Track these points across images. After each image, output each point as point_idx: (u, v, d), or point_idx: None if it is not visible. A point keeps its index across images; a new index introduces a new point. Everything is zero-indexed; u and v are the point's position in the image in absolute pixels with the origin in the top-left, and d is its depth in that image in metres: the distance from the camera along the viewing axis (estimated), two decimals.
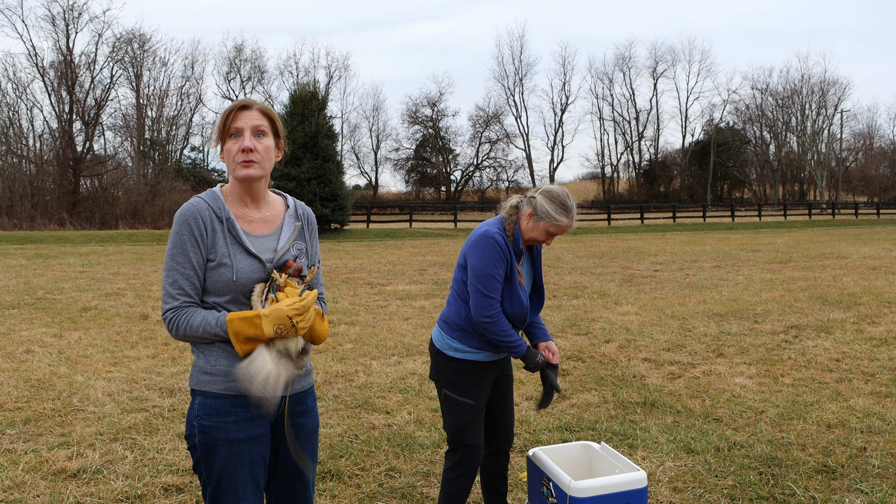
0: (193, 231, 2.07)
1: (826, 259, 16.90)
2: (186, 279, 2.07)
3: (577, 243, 24.14)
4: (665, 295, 11.04)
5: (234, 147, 2.12)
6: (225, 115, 2.14)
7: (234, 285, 2.09)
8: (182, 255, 2.07)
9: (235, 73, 61.43)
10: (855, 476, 3.97)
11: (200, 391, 2.11)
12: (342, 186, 30.60)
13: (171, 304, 2.07)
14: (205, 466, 2.12)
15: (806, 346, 7.21)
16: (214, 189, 2.19)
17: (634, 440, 4.57)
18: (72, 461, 4.21)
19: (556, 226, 3.01)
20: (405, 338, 7.81)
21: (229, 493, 2.11)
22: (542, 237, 3.06)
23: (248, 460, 2.12)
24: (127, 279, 13.50)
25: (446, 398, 3.15)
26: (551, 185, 3.10)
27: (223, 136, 2.14)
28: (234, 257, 2.09)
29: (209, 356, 2.11)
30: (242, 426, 2.11)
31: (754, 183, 74.11)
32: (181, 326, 2.05)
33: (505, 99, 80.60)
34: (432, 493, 3.80)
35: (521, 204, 3.08)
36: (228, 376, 2.09)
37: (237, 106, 2.14)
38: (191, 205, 2.11)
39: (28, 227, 32.03)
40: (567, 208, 3.01)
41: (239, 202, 2.19)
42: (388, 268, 15.85)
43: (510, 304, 3.06)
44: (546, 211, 2.99)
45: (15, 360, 6.73)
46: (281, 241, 2.20)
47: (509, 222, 3.06)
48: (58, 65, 42.27)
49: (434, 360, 3.21)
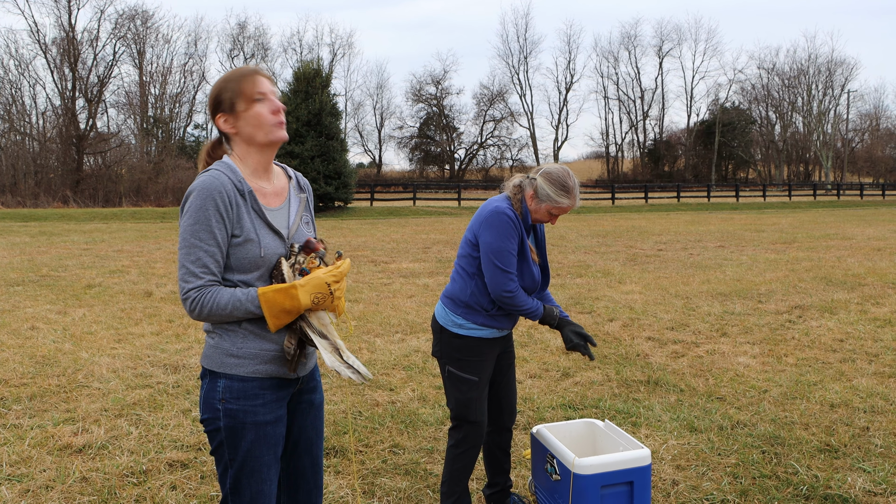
0: (219, 206, 1.96)
1: (830, 240, 16.85)
2: (210, 256, 1.95)
3: (581, 222, 24.09)
4: (669, 274, 11.03)
5: (265, 109, 2.04)
6: (245, 79, 2.05)
7: (262, 261, 2.01)
8: (206, 232, 1.95)
9: (239, 50, 61.06)
10: (857, 455, 3.98)
11: (225, 374, 2.04)
12: (346, 164, 30.50)
13: (193, 282, 1.94)
14: (228, 449, 2.06)
15: (810, 326, 7.21)
16: (228, 161, 2.07)
17: (638, 418, 4.58)
18: (77, 437, 4.23)
19: (558, 207, 2.99)
20: (409, 315, 7.82)
21: (253, 475, 2.07)
22: (545, 218, 3.05)
23: (273, 441, 2.10)
24: (131, 256, 13.52)
25: (450, 375, 3.15)
26: (551, 166, 3.06)
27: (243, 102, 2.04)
28: (259, 232, 2.02)
29: (234, 338, 2.03)
30: (269, 408, 2.07)
31: (759, 163, 73.71)
32: (206, 305, 1.93)
33: (509, 77, 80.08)
34: (436, 470, 3.82)
35: (524, 184, 3.06)
36: (256, 359, 2.03)
37: (252, 71, 2.08)
38: (213, 178, 1.98)
39: (32, 204, 32.04)
40: (568, 189, 2.98)
41: (252, 174, 2.10)
42: (392, 246, 15.84)
43: (521, 278, 3.07)
44: (546, 193, 2.97)
45: (20, 337, 6.76)
46: (291, 214, 2.15)
47: (515, 200, 3.05)
48: (60, 41, 42.06)
49: (437, 337, 3.21)
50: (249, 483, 2.07)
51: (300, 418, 2.25)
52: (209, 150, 2.18)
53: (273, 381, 2.07)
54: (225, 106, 2.06)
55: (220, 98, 2.07)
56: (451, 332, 3.13)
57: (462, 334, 3.10)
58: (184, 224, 1.98)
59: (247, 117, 2.05)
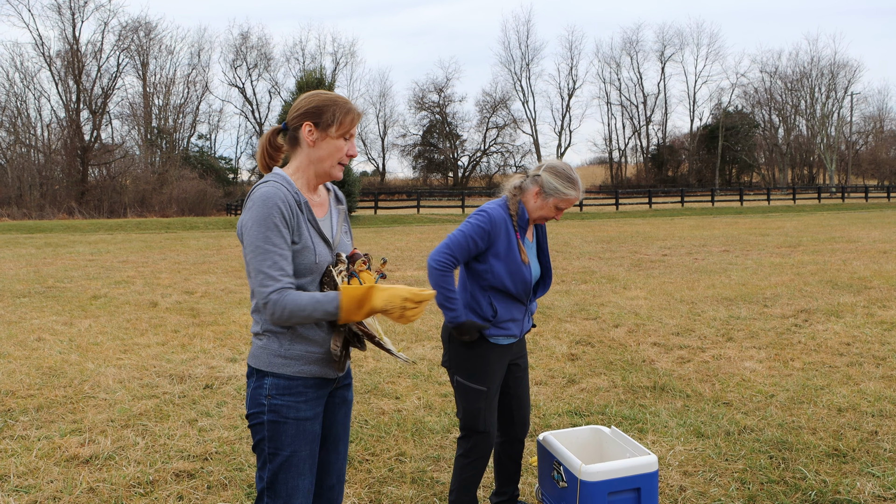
0: (284, 214, 2.09)
1: (836, 243, 16.81)
2: (284, 259, 2.08)
3: (585, 228, 24.07)
4: (674, 279, 11.01)
5: (345, 148, 2.22)
6: (351, 117, 2.21)
7: (316, 267, 2.16)
8: (278, 237, 2.07)
9: (242, 60, 61.39)
10: (866, 460, 3.96)
11: (273, 373, 2.17)
12: (350, 172, 30.57)
13: (273, 285, 2.04)
14: (269, 443, 2.19)
15: (816, 330, 7.18)
16: (282, 173, 2.20)
17: (644, 424, 4.57)
18: (84, 447, 4.24)
19: (566, 199, 3.03)
20: (414, 324, 7.81)
21: (291, 469, 2.20)
22: (551, 213, 3.09)
23: (311, 437, 2.23)
24: (136, 267, 13.56)
25: (459, 385, 3.14)
26: (553, 160, 3.11)
27: (337, 132, 2.20)
28: (314, 240, 2.17)
29: (283, 340, 2.17)
30: (311, 405, 2.22)
31: (763, 167, 73.67)
32: (288, 307, 2.04)
33: (512, 84, 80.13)
34: (442, 478, 3.81)
35: (525, 183, 3.09)
36: (302, 359, 2.18)
37: (360, 113, 2.25)
38: (275, 188, 2.11)
39: (37, 216, 32.17)
40: (573, 180, 3.04)
41: (304, 186, 2.24)
42: (397, 253, 15.85)
43: (510, 278, 3.05)
44: (554, 186, 3.01)
45: (26, 348, 6.77)
46: (333, 224, 2.31)
47: (513, 202, 3.08)
48: (64, 54, 42.35)
49: (446, 347, 3.20)
50: (287, 477, 2.20)
51: (331, 414, 2.38)
52: (271, 136, 2.29)
53: (316, 380, 2.23)
54: (321, 121, 2.19)
55: (321, 111, 2.19)
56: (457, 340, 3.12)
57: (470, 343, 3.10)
58: (253, 233, 2.08)
59: (329, 144, 2.20)
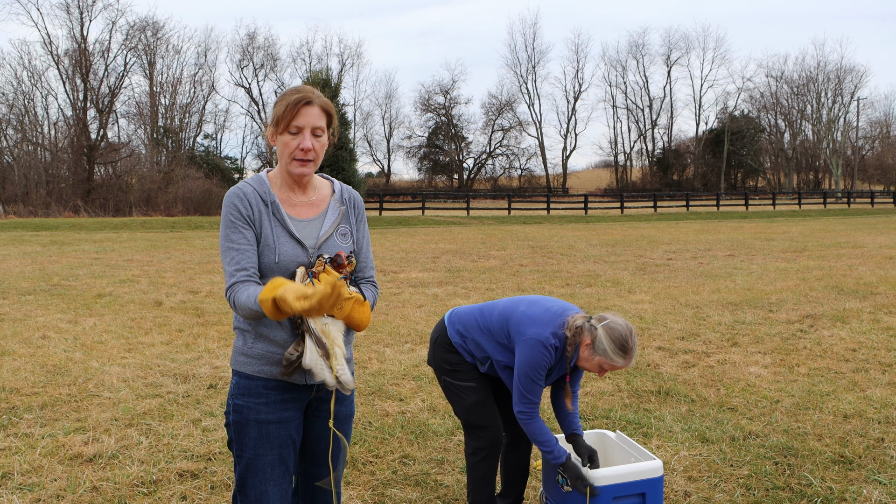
0: (241, 209, 2.11)
1: (841, 248, 16.75)
2: (243, 254, 2.09)
3: (590, 231, 24.05)
4: (679, 283, 10.98)
5: (293, 143, 2.13)
6: (288, 107, 2.10)
7: (276, 267, 2.12)
8: (235, 233, 2.10)
9: (248, 60, 61.46)
10: (872, 467, 3.94)
11: (237, 371, 2.18)
12: (355, 174, 30.68)
13: (228, 281, 2.09)
14: (236, 445, 2.19)
15: (821, 336, 7.15)
16: (261, 174, 2.22)
17: (649, 429, 4.55)
18: (88, 446, 4.24)
19: (611, 365, 2.86)
20: (418, 325, 7.81)
21: (256, 473, 2.15)
22: (594, 369, 2.92)
23: (277, 442, 2.16)
24: (141, 266, 13.58)
25: (446, 385, 3.21)
26: (616, 319, 2.88)
27: (280, 126, 2.12)
28: (277, 239, 2.13)
29: (246, 339, 2.16)
30: (273, 408, 2.16)
31: (768, 171, 73.48)
32: (237, 301, 2.05)
33: (517, 86, 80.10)
34: (446, 481, 3.80)
35: (584, 328, 2.90)
36: (263, 359, 2.14)
37: (302, 100, 2.11)
38: (237, 187, 2.17)
39: (43, 213, 32.25)
40: (626, 350, 2.83)
41: (285, 187, 2.23)
42: (401, 255, 15.85)
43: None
44: (603, 348, 2.83)
45: (31, 346, 6.79)
46: (324, 225, 2.22)
47: (571, 342, 2.91)
48: (72, 53, 42.43)
49: (431, 347, 3.25)
50: (254, 482, 2.16)
51: (319, 427, 2.29)
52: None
53: (279, 382, 2.15)
54: (273, 119, 2.17)
55: (274, 109, 2.18)
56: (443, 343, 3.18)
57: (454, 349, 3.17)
58: (220, 233, 2.16)
59: (279, 142, 2.16)
